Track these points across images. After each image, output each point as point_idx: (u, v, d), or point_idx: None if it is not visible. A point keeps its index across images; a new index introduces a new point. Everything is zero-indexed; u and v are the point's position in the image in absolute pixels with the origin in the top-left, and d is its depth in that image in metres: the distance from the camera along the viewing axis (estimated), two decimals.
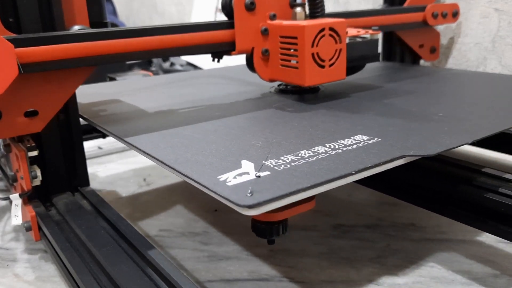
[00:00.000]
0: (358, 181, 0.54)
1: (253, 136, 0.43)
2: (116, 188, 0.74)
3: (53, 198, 0.52)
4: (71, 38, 0.44)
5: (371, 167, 0.34)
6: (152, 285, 0.36)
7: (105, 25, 0.51)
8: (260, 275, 0.49)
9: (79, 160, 0.54)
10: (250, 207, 0.29)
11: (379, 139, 0.40)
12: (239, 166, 0.35)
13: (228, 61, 0.86)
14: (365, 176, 0.34)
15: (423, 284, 0.46)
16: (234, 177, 0.33)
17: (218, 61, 0.55)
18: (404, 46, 0.82)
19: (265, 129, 0.45)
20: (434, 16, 0.76)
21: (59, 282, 0.49)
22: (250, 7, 0.53)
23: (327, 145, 0.39)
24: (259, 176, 0.33)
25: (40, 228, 0.50)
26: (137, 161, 0.85)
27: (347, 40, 0.55)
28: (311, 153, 0.37)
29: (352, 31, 0.57)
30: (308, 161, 0.35)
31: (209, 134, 0.44)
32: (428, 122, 0.45)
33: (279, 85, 0.62)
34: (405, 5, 0.78)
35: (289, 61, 0.53)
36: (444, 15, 0.77)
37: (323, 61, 0.52)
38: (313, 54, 0.51)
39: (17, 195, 0.51)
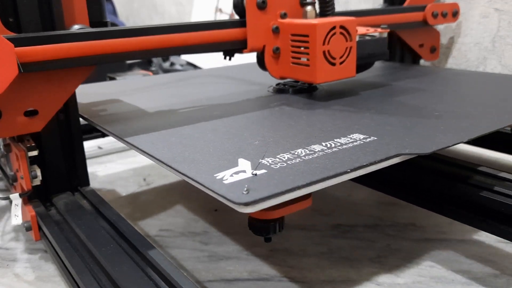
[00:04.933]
0: (358, 181, 0.54)
1: (250, 135, 0.43)
2: (116, 188, 0.74)
3: (53, 198, 0.52)
4: (71, 37, 0.44)
5: (367, 165, 0.35)
6: (152, 285, 0.36)
7: (105, 24, 0.51)
8: (260, 275, 0.49)
9: (79, 160, 0.54)
10: (246, 204, 0.29)
11: (375, 138, 0.40)
12: (236, 165, 0.35)
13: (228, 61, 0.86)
14: (361, 174, 0.35)
15: (423, 284, 0.46)
16: (231, 175, 0.33)
17: (230, 59, 0.57)
18: (404, 45, 0.82)
19: (263, 128, 0.45)
20: (434, 15, 0.76)
21: (59, 282, 0.49)
22: (262, 6, 0.54)
23: (324, 144, 0.39)
24: (256, 174, 0.33)
25: (40, 228, 0.50)
26: (137, 161, 0.85)
27: (357, 38, 0.55)
28: (308, 152, 0.37)
29: (361, 29, 0.58)
30: (304, 159, 0.36)
31: (207, 133, 0.44)
32: (424, 121, 0.46)
33: (277, 84, 0.63)
34: (405, 4, 0.77)
35: (300, 59, 0.54)
36: (444, 15, 0.77)
37: (334, 58, 0.53)
38: (324, 52, 0.52)
39: (17, 195, 0.51)
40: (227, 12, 1.39)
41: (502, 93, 0.57)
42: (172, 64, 1.36)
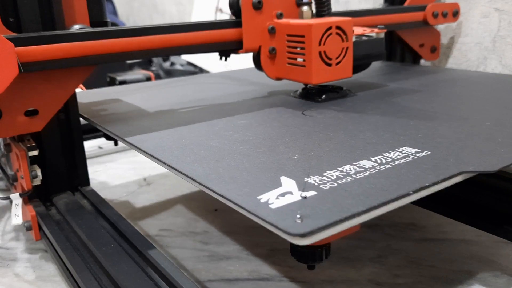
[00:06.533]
0: None
1: (286, 148, 0.39)
2: (116, 188, 0.74)
3: (54, 198, 0.52)
4: (71, 37, 0.44)
5: (429, 185, 0.31)
6: (152, 284, 0.36)
7: (105, 24, 0.51)
8: (260, 275, 0.49)
9: (80, 160, 0.54)
10: (303, 236, 0.25)
11: (429, 152, 0.37)
12: (280, 184, 0.31)
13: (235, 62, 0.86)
14: (423, 196, 0.31)
15: (423, 284, 0.46)
16: (277, 198, 0.29)
17: (226, 59, 0.56)
18: (405, 45, 0.82)
19: (298, 139, 0.41)
20: (435, 15, 0.76)
21: (60, 282, 0.49)
22: (258, 6, 0.53)
23: (373, 159, 0.35)
24: (306, 197, 0.29)
25: (40, 228, 0.50)
26: (137, 161, 0.85)
27: (353, 39, 0.55)
28: (357, 169, 0.34)
29: (358, 30, 0.57)
30: (356, 178, 0.32)
31: (238, 145, 0.40)
32: (477, 132, 0.42)
33: (303, 89, 0.59)
34: (406, 4, 0.77)
35: (296, 59, 0.53)
36: (444, 15, 0.77)
37: (330, 59, 0.53)
38: (320, 53, 0.52)
39: (17, 194, 0.51)
40: (227, 12, 1.39)
41: None
42: (172, 64, 1.36)
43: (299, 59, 0.53)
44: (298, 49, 0.53)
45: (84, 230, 0.45)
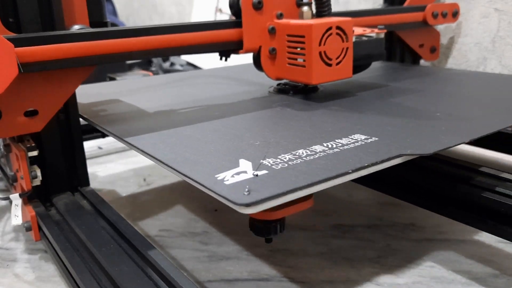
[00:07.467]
0: (358, 181, 0.54)
1: (252, 135, 0.43)
2: (116, 188, 0.74)
3: (53, 198, 0.52)
4: (71, 37, 0.44)
5: (368, 166, 0.34)
6: (152, 285, 0.36)
7: (105, 24, 0.51)
8: (260, 275, 0.49)
9: (79, 160, 0.54)
10: (248, 205, 0.29)
11: (377, 138, 0.40)
12: (238, 165, 0.35)
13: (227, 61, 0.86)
14: (362, 175, 0.34)
15: (423, 284, 0.46)
16: (232, 176, 0.33)
17: (226, 59, 0.56)
18: (404, 46, 0.82)
19: (264, 128, 0.45)
20: (434, 15, 0.76)
21: (59, 282, 0.49)
22: (258, 6, 0.53)
23: (325, 145, 0.39)
24: (257, 175, 0.33)
25: (40, 228, 0.50)
26: (137, 161, 0.85)
27: (353, 39, 0.55)
28: (309, 152, 0.37)
29: (358, 30, 0.57)
30: (305, 160, 0.36)
31: (208, 134, 0.44)
32: (426, 122, 0.45)
33: (278, 84, 0.62)
34: (405, 4, 0.77)
35: (296, 59, 0.53)
36: (444, 15, 0.77)
37: (330, 59, 0.53)
38: (320, 53, 0.52)
39: (17, 195, 0.51)
40: (227, 12, 1.39)
41: (504, 94, 0.57)
42: (172, 64, 1.37)
43: (299, 59, 0.53)
44: (298, 49, 0.53)
45: (84, 231, 0.45)
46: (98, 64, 0.46)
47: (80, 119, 0.54)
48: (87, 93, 0.67)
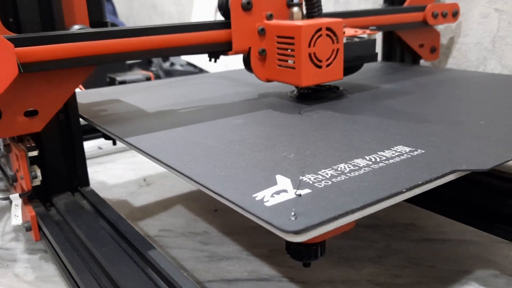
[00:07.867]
0: None
1: (282, 146, 0.39)
2: (116, 188, 0.74)
3: (53, 198, 0.52)
4: (71, 37, 0.44)
5: (422, 184, 0.31)
6: (152, 285, 0.36)
7: (105, 24, 0.51)
8: (260, 275, 0.49)
9: (79, 160, 0.54)
10: (297, 233, 0.25)
11: (423, 151, 0.37)
12: (275, 182, 0.32)
13: (227, 61, 0.86)
14: (416, 193, 0.31)
15: (423, 284, 0.46)
16: (272, 196, 0.30)
17: (215, 61, 0.55)
18: (404, 46, 0.82)
19: (294, 138, 0.42)
20: (434, 16, 0.76)
21: (59, 282, 0.49)
22: (247, 7, 0.53)
23: (367, 158, 0.36)
24: (300, 195, 0.30)
25: (40, 228, 0.50)
26: (137, 161, 0.85)
27: (344, 40, 0.55)
28: (352, 167, 0.34)
29: (349, 31, 0.57)
30: (350, 176, 0.32)
31: (234, 145, 0.41)
32: (471, 131, 0.42)
33: (300, 88, 0.60)
34: (405, 4, 0.77)
35: (286, 61, 0.52)
36: (444, 15, 0.77)
37: (320, 61, 0.52)
38: (310, 54, 0.51)
39: (17, 195, 0.51)
40: None
41: None
42: (172, 64, 1.37)
43: (290, 61, 0.52)
44: (288, 50, 0.52)
45: (84, 231, 0.45)
46: (98, 64, 0.46)
47: (80, 119, 0.54)
48: (87, 93, 0.67)
